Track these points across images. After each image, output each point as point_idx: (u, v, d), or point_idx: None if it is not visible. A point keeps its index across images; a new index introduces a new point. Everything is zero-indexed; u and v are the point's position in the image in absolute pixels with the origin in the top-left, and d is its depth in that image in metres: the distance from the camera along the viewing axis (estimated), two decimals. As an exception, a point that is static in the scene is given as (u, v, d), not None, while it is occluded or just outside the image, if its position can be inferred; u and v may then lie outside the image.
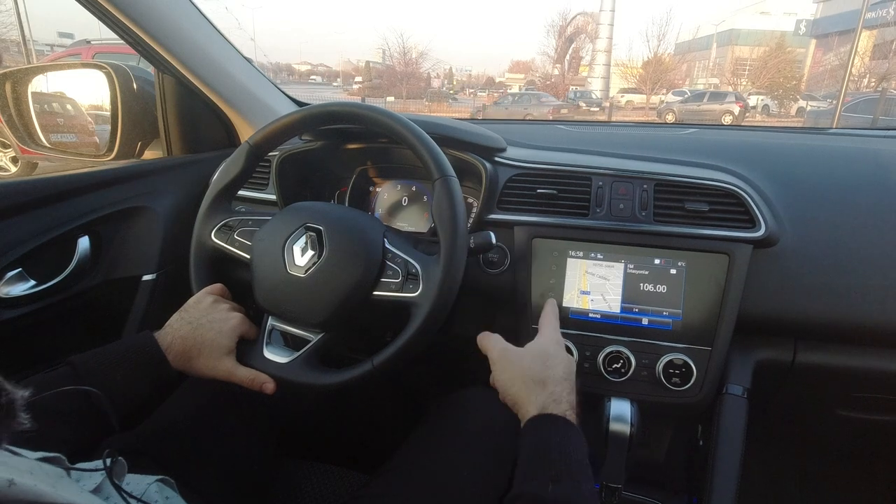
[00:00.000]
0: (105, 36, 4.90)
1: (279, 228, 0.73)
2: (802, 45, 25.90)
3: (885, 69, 19.52)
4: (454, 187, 0.69)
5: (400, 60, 30.24)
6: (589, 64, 27.80)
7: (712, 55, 31.20)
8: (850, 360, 0.79)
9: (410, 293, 0.68)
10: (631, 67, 27.28)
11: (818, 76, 24.13)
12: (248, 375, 0.68)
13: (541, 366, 0.64)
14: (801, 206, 0.81)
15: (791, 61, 23.98)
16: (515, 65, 48.44)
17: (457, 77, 42.08)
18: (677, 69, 29.32)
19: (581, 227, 0.81)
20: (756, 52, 25.13)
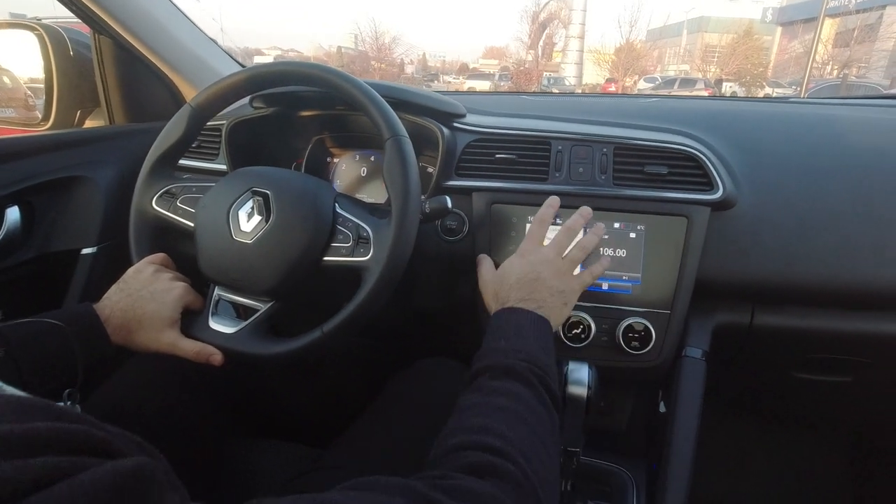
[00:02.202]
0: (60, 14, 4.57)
1: (224, 194, 0.69)
2: (769, 33, 26.43)
3: (846, 56, 20.09)
4: (406, 147, 0.66)
5: (372, 46, 29.80)
6: (562, 50, 27.84)
7: (683, 42, 31.60)
8: (805, 322, 0.80)
9: (361, 257, 0.65)
10: (604, 54, 27.45)
11: (784, 63, 24.69)
12: (193, 348, 0.65)
13: (495, 284, 0.68)
14: (759, 170, 0.81)
15: (758, 48, 24.47)
16: (490, 51, 48.24)
17: (431, 63, 41.68)
18: (649, 56, 29.63)
19: (540, 191, 0.80)
20: (725, 40, 25.54)
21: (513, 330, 0.58)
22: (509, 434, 0.45)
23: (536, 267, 0.66)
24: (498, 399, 0.49)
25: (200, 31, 1.01)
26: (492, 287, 0.68)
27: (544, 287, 0.64)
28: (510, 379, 0.52)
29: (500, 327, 0.59)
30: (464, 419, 0.48)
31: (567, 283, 0.66)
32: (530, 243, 0.69)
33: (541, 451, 0.46)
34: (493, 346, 0.56)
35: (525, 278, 0.64)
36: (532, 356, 0.54)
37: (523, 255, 0.68)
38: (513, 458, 0.42)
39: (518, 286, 0.64)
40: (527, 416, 0.48)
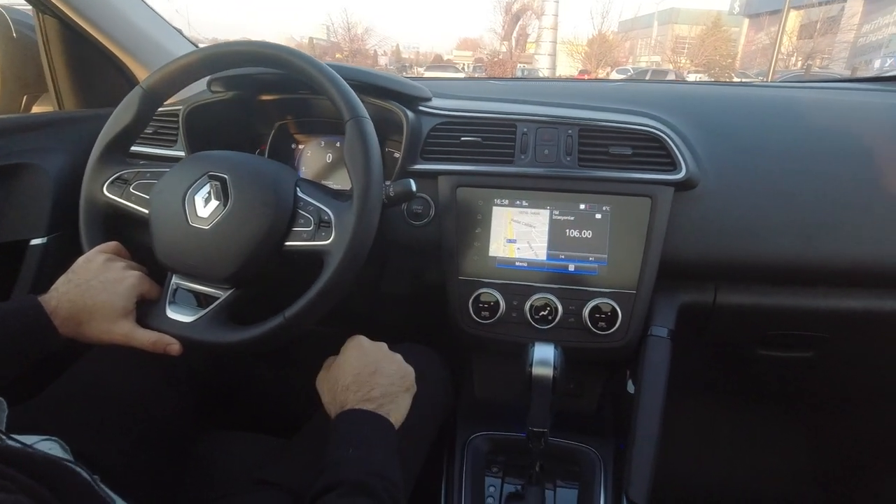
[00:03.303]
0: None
1: (179, 178, 0.67)
2: (737, 25, 26.95)
3: (810, 48, 20.64)
4: (367, 128, 0.65)
5: (345, 37, 29.39)
6: (536, 41, 27.89)
7: (654, 33, 31.99)
8: (766, 300, 0.81)
9: (322, 241, 0.64)
10: (577, 45, 27.62)
11: (751, 54, 25.25)
12: (149, 338, 0.63)
13: (330, 385, 0.64)
14: (721, 151, 0.82)
15: (726, 40, 24.94)
16: (464, 42, 48.04)
17: (404, 55, 41.32)
18: (621, 47, 29.95)
19: (506, 174, 0.79)
20: (694, 31, 25.97)
21: (357, 438, 0.56)
22: None
23: (370, 357, 0.64)
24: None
25: (154, 12, 0.97)
26: (327, 387, 0.64)
27: (384, 377, 0.62)
28: (361, 496, 0.50)
29: (343, 435, 0.56)
30: None
31: (402, 367, 0.65)
32: (361, 338, 0.67)
33: None
34: (339, 456, 0.54)
35: (362, 374, 0.62)
36: (381, 468, 0.53)
37: (353, 349, 0.65)
38: None
39: (356, 385, 0.61)
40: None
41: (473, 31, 67.25)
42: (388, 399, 0.61)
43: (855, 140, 0.80)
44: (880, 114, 0.86)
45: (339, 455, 0.54)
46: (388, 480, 0.52)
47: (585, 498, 0.75)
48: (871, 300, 0.79)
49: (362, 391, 0.60)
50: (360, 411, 0.58)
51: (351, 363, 0.63)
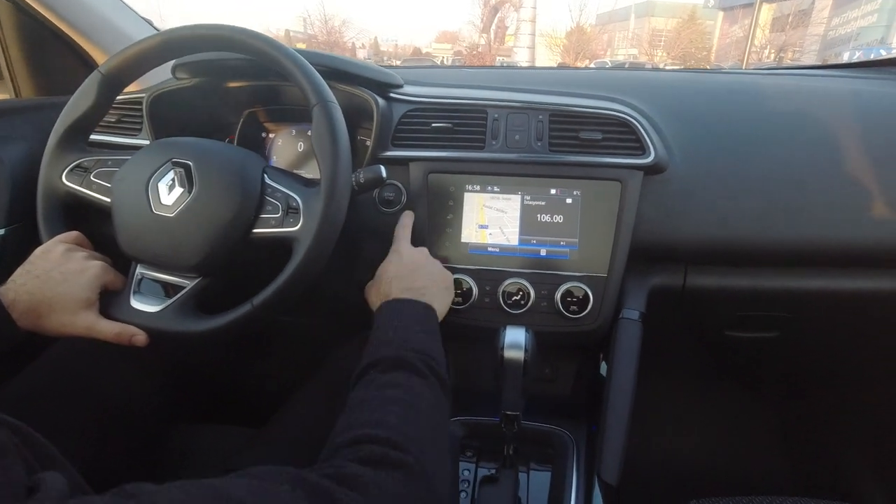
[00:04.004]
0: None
1: (141, 165, 0.65)
2: (711, 18, 27.34)
3: (782, 41, 21.05)
4: (334, 113, 0.64)
5: (322, 29, 29.01)
6: (514, 33, 27.91)
7: (631, 26, 32.27)
8: (733, 282, 0.83)
9: (291, 228, 0.63)
10: (555, 37, 27.72)
11: (726, 47, 25.65)
12: (112, 329, 0.61)
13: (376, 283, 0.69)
14: (689, 136, 0.83)
15: (702, 33, 25.31)
16: (443, 35, 47.82)
17: (383, 47, 40.94)
18: (598, 40, 30.15)
19: (477, 159, 0.79)
20: (671, 24, 26.27)
21: (398, 321, 0.59)
22: (402, 426, 0.46)
23: (414, 257, 0.69)
24: (390, 392, 0.50)
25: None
26: (374, 290, 0.68)
27: (425, 274, 0.67)
28: (401, 370, 0.52)
29: (386, 320, 0.60)
30: (356, 415, 0.48)
31: (441, 269, 0.70)
32: (401, 243, 0.72)
33: (433, 440, 0.48)
34: (382, 338, 0.56)
35: (405, 269, 0.67)
36: (420, 345, 0.55)
37: (399, 252, 0.70)
38: (405, 449, 0.43)
39: (398, 278, 0.65)
40: (419, 406, 0.49)
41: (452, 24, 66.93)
42: (428, 290, 0.65)
43: (819, 124, 0.82)
44: (844, 99, 0.88)
45: (378, 338, 0.57)
46: (427, 355, 0.54)
47: (558, 480, 0.76)
48: (831, 280, 0.81)
49: (404, 283, 0.65)
50: (401, 299, 0.62)
51: (393, 263, 0.68)
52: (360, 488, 0.38)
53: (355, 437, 0.44)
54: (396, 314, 0.60)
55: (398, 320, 0.59)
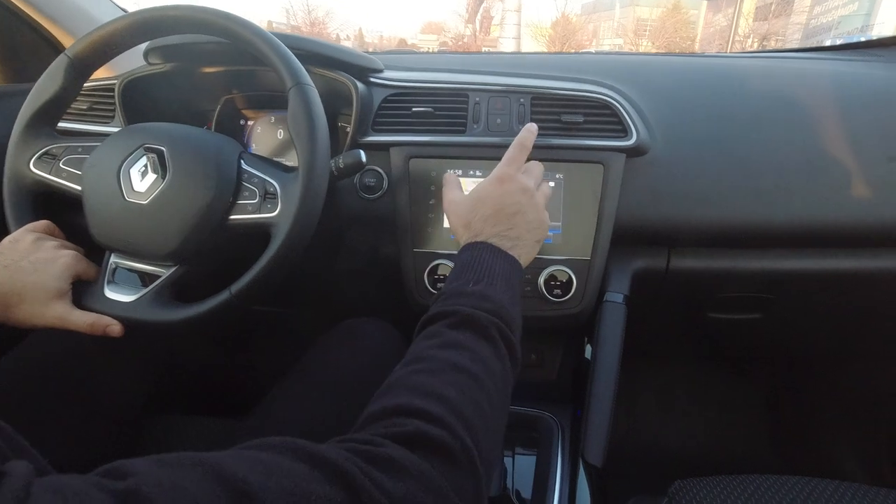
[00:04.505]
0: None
1: (112, 151, 0.64)
2: (695, 7, 27.45)
3: (765, 29, 21.21)
4: (310, 95, 0.62)
5: (305, 20, 28.64)
6: (500, 24, 27.78)
7: (616, 15, 32.29)
8: (716, 263, 0.83)
9: (268, 213, 0.62)
10: (541, 28, 27.67)
11: (710, 36, 25.78)
12: (86, 320, 0.60)
13: (467, 210, 0.60)
14: (671, 118, 0.83)
15: (686, 22, 25.42)
16: (428, 25, 47.43)
17: (368, 39, 40.55)
18: (584, 30, 30.14)
19: (459, 143, 0.78)
20: (655, 13, 26.34)
21: (484, 272, 0.52)
22: (458, 400, 0.39)
23: (517, 197, 0.58)
24: (454, 354, 0.43)
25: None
26: (464, 214, 0.60)
27: (524, 222, 0.58)
28: (472, 331, 0.46)
29: (469, 266, 0.53)
30: (410, 374, 0.42)
31: (542, 217, 0.60)
32: (510, 167, 0.61)
33: (490, 423, 0.41)
34: (459, 288, 0.50)
35: (504, 210, 0.57)
36: (500, 307, 0.48)
37: (502, 181, 0.60)
38: (455, 432, 0.37)
39: (495, 219, 0.57)
40: (483, 380, 0.42)
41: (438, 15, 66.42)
42: (522, 242, 0.57)
43: (801, 105, 0.82)
44: (825, 80, 0.88)
45: (460, 285, 0.50)
46: (502, 318, 0.48)
47: (543, 464, 0.76)
48: (813, 261, 0.82)
49: (500, 226, 0.57)
50: (493, 247, 0.55)
51: (495, 195, 0.59)
52: (395, 475, 0.32)
53: (404, 406, 0.38)
54: (484, 264, 0.53)
55: (484, 271, 0.52)
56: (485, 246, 0.55)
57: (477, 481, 0.37)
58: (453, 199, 0.63)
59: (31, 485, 0.24)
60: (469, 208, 0.60)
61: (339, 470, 0.31)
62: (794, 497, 0.62)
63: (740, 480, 0.66)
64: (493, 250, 0.55)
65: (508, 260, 0.55)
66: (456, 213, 0.62)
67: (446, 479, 0.34)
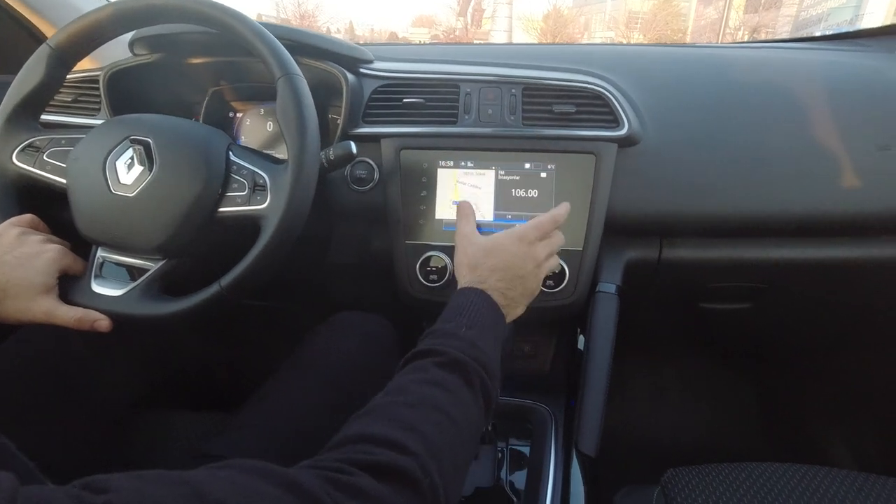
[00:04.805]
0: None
1: (97, 143, 0.63)
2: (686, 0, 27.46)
3: (756, 22, 21.28)
4: (299, 85, 0.62)
5: (295, 13, 28.37)
6: (491, 17, 27.65)
7: (608, 8, 32.24)
8: (707, 253, 0.83)
9: (258, 205, 0.61)
10: (532, 21, 27.60)
11: (701, 29, 25.83)
12: (73, 315, 0.59)
13: (479, 254, 0.61)
14: (663, 108, 0.82)
15: (677, 14, 25.45)
16: (419, 19, 47.14)
17: (358, 32, 40.26)
18: (575, 22, 30.09)
19: (450, 134, 0.78)
20: (647, 6, 26.34)
21: (477, 321, 0.53)
22: (433, 438, 0.40)
23: (526, 263, 0.60)
24: (437, 393, 0.44)
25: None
26: (474, 256, 0.61)
27: (522, 286, 0.60)
28: (457, 375, 0.46)
29: (465, 309, 0.54)
30: (391, 404, 0.43)
31: (536, 286, 0.63)
32: (534, 233, 0.62)
33: (459, 465, 0.42)
34: (453, 329, 0.51)
35: (512, 270, 0.59)
36: (487, 358, 0.49)
37: (522, 242, 0.61)
38: (426, 468, 0.37)
39: (503, 273, 0.58)
40: (459, 424, 0.43)
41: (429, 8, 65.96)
42: (515, 304, 0.59)
43: (792, 95, 0.82)
44: (815, 69, 0.89)
45: (453, 327, 0.51)
46: (487, 370, 0.49)
47: (537, 454, 0.76)
48: (803, 250, 0.82)
49: (504, 283, 0.58)
50: (491, 300, 0.56)
51: (511, 252, 0.60)
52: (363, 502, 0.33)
53: (380, 436, 0.38)
54: (479, 313, 0.54)
55: (478, 320, 0.53)
56: (485, 296, 0.56)
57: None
58: (467, 234, 0.64)
59: (14, 500, 0.24)
60: (482, 252, 0.61)
61: (311, 496, 0.31)
62: (784, 483, 0.62)
63: (732, 468, 0.66)
64: (490, 303, 0.56)
65: (500, 316, 0.56)
66: (466, 251, 0.62)
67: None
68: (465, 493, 0.71)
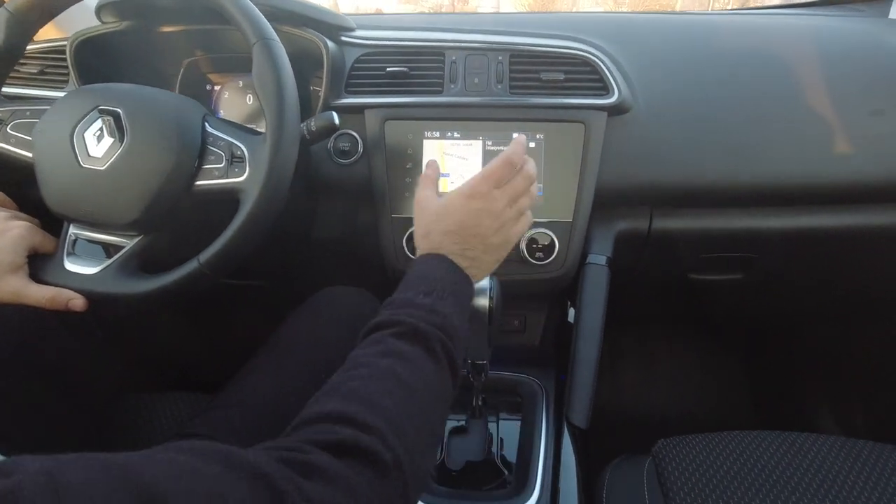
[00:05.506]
0: None
1: (64, 114, 0.60)
2: (676, -28, 27.17)
3: (744, -4, 21.14)
4: (276, 50, 0.59)
5: (278, -10, 27.64)
6: (479, -8, 27.18)
7: (596, -17, 31.81)
8: (698, 223, 0.82)
9: (236, 178, 0.59)
10: (520, -4, 27.19)
11: (691, 4, 25.61)
12: (45, 294, 0.57)
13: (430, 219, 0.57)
14: (653, 76, 0.80)
15: (666, -11, 25.17)
16: (405, -5, 46.22)
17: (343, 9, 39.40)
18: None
19: (435, 104, 0.75)
20: (635, -20, 26.04)
21: (434, 286, 0.50)
22: (393, 410, 0.38)
23: (481, 218, 0.56)
24: (394, 363, 0.42)
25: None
26: (426, 222, 0.57)
27: (482, 243, 0.55)
28: (415, 343, 0.44)
29: (422, 278, 0.51)
30: (349, 380, 0.41)
31: (507, 237, 0.58)
32: (484, 185, 0.56)
33: (423, 436, 0.41)
34: (409, 299, 0.48)
35: (466, 229, 0.55)
36: (447, 322, 0.47)
37: (472, 198, 0.56)
38: (387, 441, 0.36)
39: (456, 236, 0.55)
40: (420, 392, 0.42)
41: (414, -16, 64.57)
42: (479, 262, 0.55)
43: (783, 62, 0.81)
44: (806, 36, 0.87)
45: (409, 296, 0.48)
46: (448, 334, 0.46)
47: (528, 427, 0.76)
48: (794, 219, 0.81)
49: (459, 245, 0.54)
50: (449, 262, 0.53)
51: (461, 211, 0.55)
52: (319, 481, 0.31)
53: (338, 413, 0.37)
54: (436, 278, 0.51)
55: (435, 285, 0.50)
56: (440, 260, 0.53)
57: (406, 493, 0.36)
58: (420, 201, 0.60)
59: None
60: (433, 218, 0.57)
61: (258, 472, 0.30)
62: (774, 450, 0.62)
63: (721, 437, 0.66)
64: (448, 265, 0.53)
65: (462, 277, 0.53)
66: (420, 217, 0.59)
67: (373, 488, 0.33)
68: (456, 467, 0.70)
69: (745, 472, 0.60)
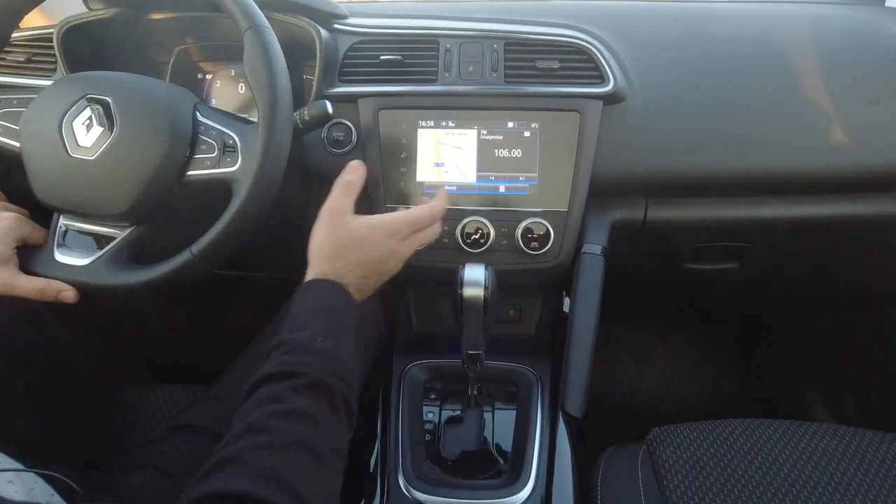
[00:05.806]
0: None
1: (52, 103, 0.59)
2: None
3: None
4: (268, 37, 0.58)
5: (271, -22, 27.30)
6: (474, -19, 26.93)
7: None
8: (693, 213, 0.82)
9: (229, 168, 0.58)
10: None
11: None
12: (34, 285, 0.56)
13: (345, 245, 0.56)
14: (649, 65, 0.80)
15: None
16: (399, -17, 45.68)
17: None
18: (560, -14, 29.44)
19: (430, 93, 0.75)
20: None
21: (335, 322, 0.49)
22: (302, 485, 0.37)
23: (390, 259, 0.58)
24: (299, 427, 0.40)
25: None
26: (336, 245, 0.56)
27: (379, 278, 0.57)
28: (318, 399, 0.42)
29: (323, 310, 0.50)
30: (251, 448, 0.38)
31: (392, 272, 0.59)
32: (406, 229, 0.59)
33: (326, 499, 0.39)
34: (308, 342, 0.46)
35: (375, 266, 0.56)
36: (346, 370, 0.46)
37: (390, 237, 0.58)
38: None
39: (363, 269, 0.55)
40: (327, 457, 0.40)
41: (409, -28, 63.66)
42: (366, 292, 0.57)
43: (778, 51, 0.80)
44: (806, 24, 0.86)
45: (306, 338, 0.47)
46: (349, 387, 0.46)
47: (523, 417, 0.76)
48: (789, 208, 0.81)
49: (364, 279, 0.55)
50: (349, 296, 0.53)
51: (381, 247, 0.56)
52: None
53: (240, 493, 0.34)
54: (338, 314, 0.50)
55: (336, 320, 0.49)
56: (341, 292, 0.53)
57: None
58: (335, 210, 0.58)
59: None
60: (346, 243, 0.56)
61: None
62: (767, 438, 0.63)
63: (715, 425, 0.67)
64: (346, 299, 0.53)
65: (354, 309, 0.54)
66: (330, 231, 0.57)
67: None
68: (451, 456, 0.70)
69: (738, 459, 0.61)
